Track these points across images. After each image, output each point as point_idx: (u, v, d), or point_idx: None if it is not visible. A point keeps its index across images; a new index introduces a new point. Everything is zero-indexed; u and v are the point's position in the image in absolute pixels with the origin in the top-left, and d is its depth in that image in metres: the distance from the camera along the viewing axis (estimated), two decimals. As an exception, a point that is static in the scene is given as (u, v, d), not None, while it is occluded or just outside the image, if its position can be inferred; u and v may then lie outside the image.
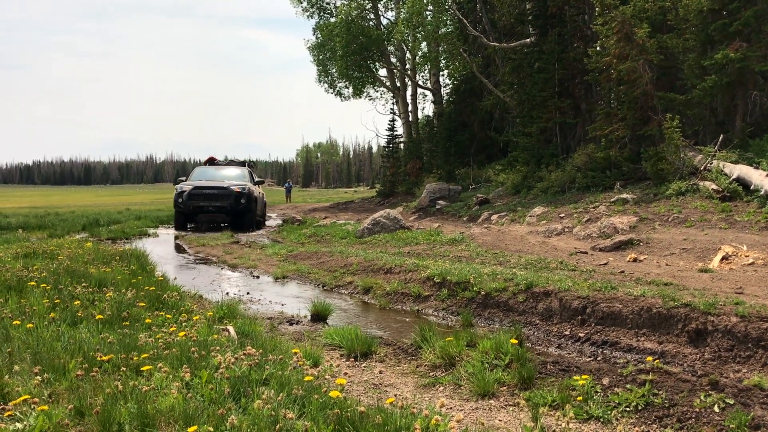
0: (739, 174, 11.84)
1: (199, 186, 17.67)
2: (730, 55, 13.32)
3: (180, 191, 17.61)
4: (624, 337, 5.11)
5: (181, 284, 7.27)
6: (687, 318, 4.81)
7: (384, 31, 27.91)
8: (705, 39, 14.65)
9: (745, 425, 2.80)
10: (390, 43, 28.02)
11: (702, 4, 14.11)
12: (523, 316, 5.91)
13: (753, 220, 10.10)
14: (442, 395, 3.72)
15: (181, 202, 17.50)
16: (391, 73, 30.41)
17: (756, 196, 11.01)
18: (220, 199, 17.53)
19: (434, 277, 7.02)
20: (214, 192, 17.51)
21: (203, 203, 17.53)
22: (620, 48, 14.08)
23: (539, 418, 3.18)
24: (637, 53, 14.04)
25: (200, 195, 17.48)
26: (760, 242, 9.00)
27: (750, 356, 4.36)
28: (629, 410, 3.19)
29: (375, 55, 28.60)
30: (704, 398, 3.09)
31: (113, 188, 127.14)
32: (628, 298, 5.32)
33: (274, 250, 11.58)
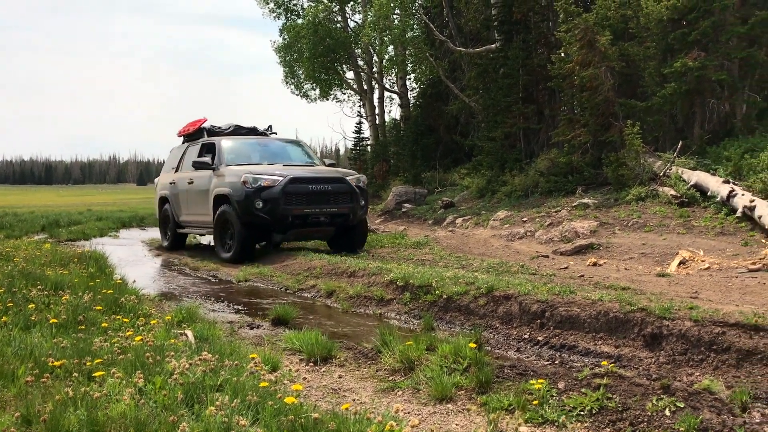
0: (697, 180, 12.10)
1: (300, 177, 10.09)
2: (688, 63, 13.61)
3: (254, 186, 9.85)
4: (582, 340, 5.17)
5: (141, 287, 7.17)
6: (643, 322, 4.90)
7: (351, 33, 27.87)
8: (665, 47, 14.94)
9: (694, 428, 2.86)
10: (357, 46, 27.98)
11: (662, 14, 14.39)
12: (484, 320, 5.95)
13: (709, 225, 10.32)
14: (400, 400, 3.73)
15: (262, 208, 9.77)
16: (358, 76, 30.38)
17: (713, 202, 11.26)
18: (338, 201, 10.25)
19: (397, 281, 7.03)
20: (326, 188, 10.18)
21: (310, 208, 10.04)
22: (583, 55, 14.28)
23: (495, 423, 3.21)
24: (600, 60, 14.26)
25: (305, 193, 10.00)
26: (716, 247, 9.21)
27: (703, 360, 4.46)
28: (584, 414, 3.23)
29: (342, 57, 28.52)
30: (656, 402, 3.15)
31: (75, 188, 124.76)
32: (586, 302, 5.39)
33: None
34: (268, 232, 10.31)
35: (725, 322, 4.54)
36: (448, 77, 23.76)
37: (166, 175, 13.43)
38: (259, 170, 10.32)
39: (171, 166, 13.25)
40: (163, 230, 13.54)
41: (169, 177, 13.03)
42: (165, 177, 13.40)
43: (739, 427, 2.79)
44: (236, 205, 10.02)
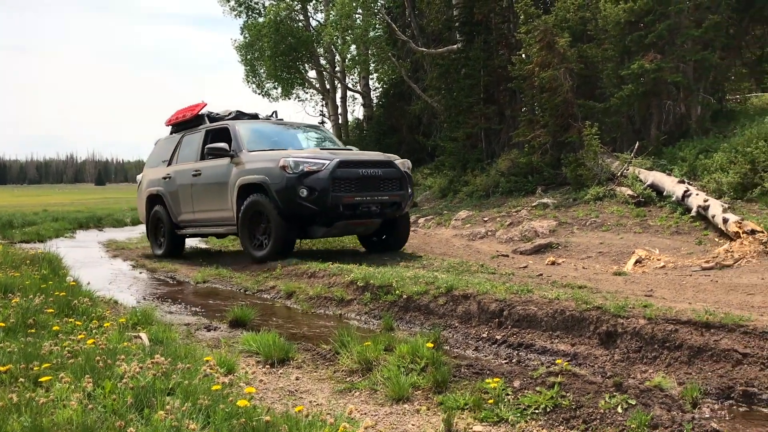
0: (653, 180, 12.33)
1: (348, 160, 8.80)
2: (645, 65, 13.87)
3: (295, 171, 8.45)
4: (539, 339, 5.22)
5: (96, 289, 7.02)
6: (598, 320, 4.96)
7: (313, 32, 27.73)
8: (623, 49, 15.19)
9: (644, 425, 2.90)
10: (319, 45, 27.85)
11: (620, 16, 14.63)
12: (443, 319, 5.97)
13: (665, 224, 10.52)
14: (357, 400, 3.71)
15: (307, 197, 8.41)
16: (320, 75, 30.25)
17: (668, 201, 11.49)
18: (389, 188, 9.01)
19: (357, 281, 7.01)
20: (377, 173, 8.90)
21: (361, 195, 8.70)
22: (542, 56, 14.45)
23: (451, 422, 3.22)
24: (559, 62, 14.45)
25: (355, 179, 8.66)
26: (671, 246, 9.39)
27: (656, 357, 4.53)
28: (538, 412, 3.26)
29: (304, 56, 28.36)
30: (609, 399, 3.19)
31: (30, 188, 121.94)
32: (544, 301, 5.44)
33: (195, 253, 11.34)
34: (311, 225, 8.92)
35: (678, 319, 4.62)
36: (411, 77, 23.82)
37: (155, 170, 11.69)
38: (298, 154, 8.90)
39: (161, 159, 11.59)
40: (154, 236, 11.79)
41: (161, 171, 11.39)
42: (154, 172, 11.69)
43: (688, 423, 2.84)
44: (275, 194, 8.54)
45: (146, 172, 12.14)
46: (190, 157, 10.77)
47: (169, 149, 11.50)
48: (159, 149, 12.05)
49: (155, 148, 12.23)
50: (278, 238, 8.75)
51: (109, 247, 13.99)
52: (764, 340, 4.22)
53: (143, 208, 11.96)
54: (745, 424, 3.58)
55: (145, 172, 12.20)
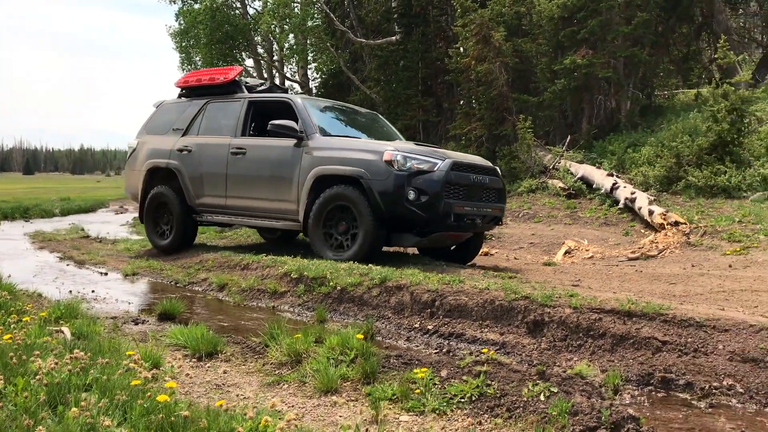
0: (584, 173, 12.67)
1: (461, 163, 7.61)
2: (577, 61, 14.21)
3: (403, 169, 7.19)
4: (469, 328, 5.28)
5: (19, 282, 6.75)
6: (526, 310, 5.06)
7: (251, 20, 27.33)
8: (556, 44, 15.52)
9: (565, 412, 2.97)
10: (257, 34, 27.47)
11: (553, 12, 14.93)
12: (377, 310, 5.98)
13: (594, 216, 10.82)
14: (285, 393, 3.69)
15: (415, 201, 7.14)
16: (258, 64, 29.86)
17: (597, 194, 11.83)
18: (492, 198, 7.96)
19: (291, 273, 6.95)
20: (484, 180, 7.79)
21: (469, 205, 7.54)
22: (478, 50, 14.63)
23: (378, 413, 3.23)
24: (494, 56, 14.65)
25: (465, 185, 7.50)
26: (600, 237, 9.67)
27: (581, 345, 4.65)
28: (464, 401, 3.30)
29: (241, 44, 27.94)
30: (532, 387, 3.25)
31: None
32: (474, 291, 5.51)
33: (127, 245, 11.04)
34: (403, 232, 7.56)
35: (602, 308, 4.75)
36: (350, 68, 23.75)
37: (161, 139, 9.69)
38: (404, 147, 7.66)
39: (171, 126, 9.66)
40: (154, 223, 9.71)
41: (172, 141, 9.47)
42: (160, 141, 9.68)
43: (606, 410, 2.92)
44: (376, 193, 7.19)
45: (146, 140, 9.94)
46: (222, 130, 9.02)
47: (185, 116, 9.57)
48: (166, 114, 9.99)
49: (159, 112, 10.17)
50: (367, 241, 7.32)
51: (36, 238, 13.47)
52: (682, 328, 4.39)
53: (139, 184, 9.73)
54: (662, 409, 3.72)
55: (145, 139, 9.98)
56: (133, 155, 10.13)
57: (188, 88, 9.91)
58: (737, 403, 3.81)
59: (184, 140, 9.36)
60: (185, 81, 9.94)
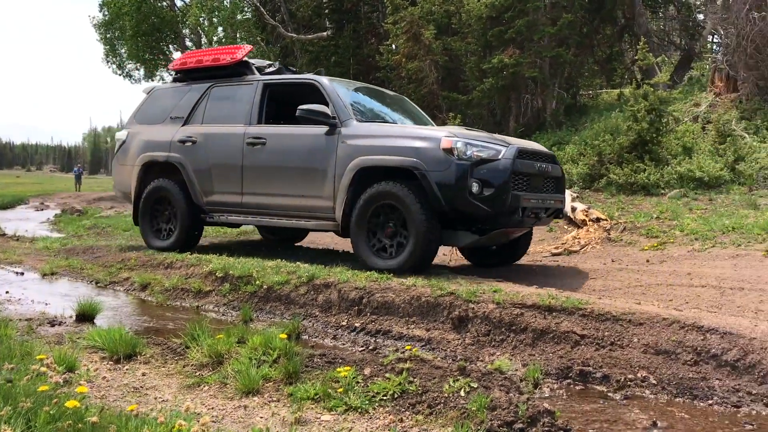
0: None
1: (526, 149, 6.78)
2: (504, 60, 14.47)
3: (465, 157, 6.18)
4: (396, 325, 5.31)
5: None
6: (451, 306, 5.11)
7: (179, 12, 26.71)
8: (484, 44, 15.76)
9: (484, 407, 3.01)
10: (185, 26, 26.86)
11: (482, 11, 15.16)
12: (304, 309, 5.94)
13: (521, 212, 11.03)
14: (206, 395, 3.61)
15: (479, 194, 6.15)
16: (187, 58, 29.22)
17: (524, 190, 12.06)
18: (555, 189, 7.20)
19: (216, 272, 6.83)
20: (547, 169, 6.94)
21: (535, 197, 6.66)
22: (409, 47, 14.72)
23: (300, 413, 3.19)
24: (425, 53, 14.77)
25: (530, 174, 6.64)
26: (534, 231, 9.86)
27: (503, 340, 4.73)
28: (386, 399, 3.30)
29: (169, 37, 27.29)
30: (453, 383, 3.28)
31: None
32: (401, 287, 5.54)
33: (45, 243, 10.61)
34: (458, 229, 6.63)
35: (523, 303, 4.85)
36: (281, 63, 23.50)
37: (157, 129, 8.52)
38: (462, 132, 6.63)
39: (168, 115, 8.54)
40: (150, 221, 8.53)
41: (171, 132, 8.33)
42: (156, 132, 8.52)
43: (523, 404, 2.98)
44: (434, 186, 6.19)
45: (138, 131, 8.77)
46: (232, 118, 7.91)
47: (185, 102, 8.45)
48: (160, 101, 8.84)
49: (151, 99, 8.98)
50: (421, 246, 6.25)
51: (-55, 237, 12.80)
52: (600, 322, 4.52)
53: (133, 180, 8.54)
54: (579, 402, 3.82)
55: (136, 129, 8.83)
56: (122, 149, 8.90)
57: (186, 71, 8.76)
58: (650, 394, 3.95)
59: (187, 130, 8.21)
60: (183, 63, 8.79)
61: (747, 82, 12.88)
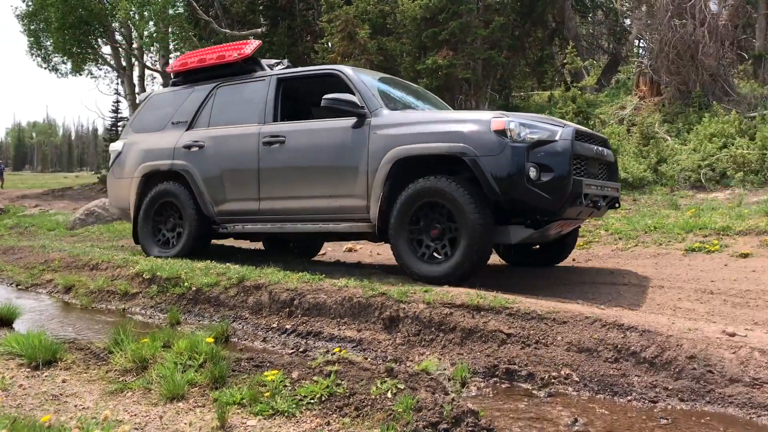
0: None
1: (583, 131, 6.19)
2: (438, 61, 14.63)
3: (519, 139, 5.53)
4: (327, 326, 5.30)
5: None
6: (383, 306, 5.13)
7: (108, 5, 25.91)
8: (419, 44, 15.90)
9: (410, 408, 3.04)
10: (114, 20, 26.09)
11: (416, 12, 15.28)
12: (234, 311, 5.86)
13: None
14: (129, 401, 3.52)
15: (537, 179, 5.48)
16: (116, 51, 28.40)
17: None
18: (611, 175, 6.75)
19: (144, 273, 6.67)
20: (603, 153, 6.40)
21: (595, 184, 6.06)
22: (344, 46, 14.71)
23: (225, 418, 3.15)
24: (360, 53, 14.79)
25: (588, 158, 6.05)
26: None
27: (433, 339, 4.78)
28: (313, 402, 3.29)
29: (97, 30, 26.45)
30: (380, 385, 3.30)
31: None
32: (333, 288, 5.53)
33: (-38, 244, 10.14)
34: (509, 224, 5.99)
35: (453, 303, 4.91)
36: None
37: (159, 136, 7.86)
38: (511, 113, 5.95)
39: (169, 120, 7.90)
40: (153, 233, 7.75)
41: (175, 137, 7.67)
42: (157, 139, 7.85)
43: (448, 404, 3.02)
44: (487, 174, 5.54)
45: (136, 140, 8.11)
46: (242, 118, 7.28)
47: (188, 106, 7.82)
48: (159, 107, 8.20)
49: (149, 106, 8.38)
50: (477, 245, 5.59)
51: None
52: (526, 320, 4.61)
53: (131, 195, 7.86)
54: (505, 400, 3.90)
55: (133, 139, 8.17)
56: (117, 161, 8.18)
57: (186, 73, 8.09)
58: (573, 391, 4.06)
59: (192, 134, 7.55)
60: (183, 64, 8.07)
61: (669, 86, 13.40)
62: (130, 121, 8.51)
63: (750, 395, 3.71)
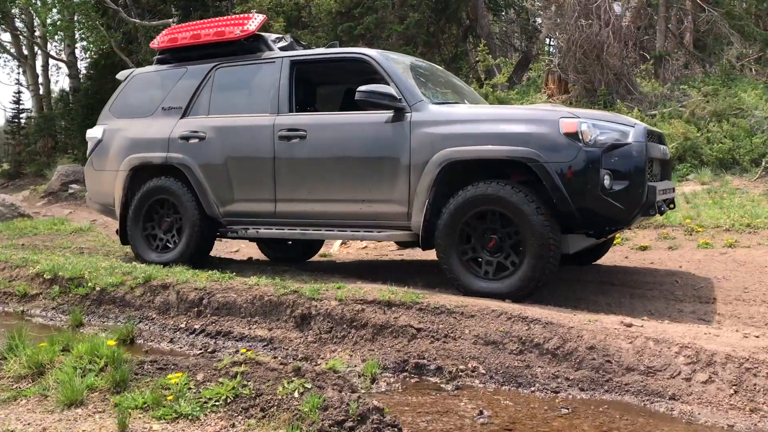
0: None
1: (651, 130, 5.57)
2: (354, 56, 14.62)
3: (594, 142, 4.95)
4: (238, 326, 5.23)
5: None
6: (294, 304, 5.10)
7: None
8: (335, 38, 15.79)
9: (316, 407, 3.04)
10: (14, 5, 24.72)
11: (331, 6, 15.21)
12: (140, 311, 5.70)
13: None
14: (23, 409, 3.36)
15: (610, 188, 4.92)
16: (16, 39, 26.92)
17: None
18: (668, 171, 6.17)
19: (45, 273, 6.38)
20: (665, 152, 5.93)
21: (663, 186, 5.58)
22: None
23: (126, 423, 3.06)
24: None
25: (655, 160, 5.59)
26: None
27: (345, 336, 4.80)
28: (219, 404, 3.24)
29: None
30: (287, 385, 3.28)
31: None
32: (244, 287, 5.46)
33: None
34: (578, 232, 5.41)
35: (364, 299, 4.93)
36: (124, 49, 22.25)
37: (149, 123, 6.91)
38: (581, 112, 5.43)
39: (161, 106, 6.92)
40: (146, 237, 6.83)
41: (169, 126, 6.74)
42: (148, 127, 6.89)
43: (354, 402, 3.04)
44: (558, 182, 4.94)
45: (119, 126, 7.10)
46: (249, 106, 6.46)
47: (180, 89, 6.85)
48: (144, 88, 7.22)
49: (131, 87, 7.33)
50: (544, 259, 4.98)
51: None
52: (435, 315, 4.68)
53: (117, 190, 6.92)
54: (413, 395, 3.96)
55: (116, 125, 7.15)
56: (98, 150, 7.19)
57: (175, 50, 7.09)
58: (480, 383, 4.16)
59: (189, 123, 6.64)
60: (172, 39, 7.02)
61: (576, 85, 13.86)
62: (110, 104, 7.44)
63: (645, 383, 3.90)
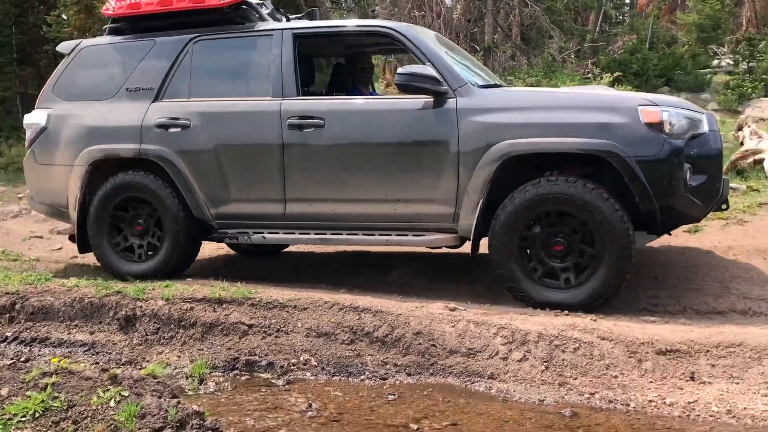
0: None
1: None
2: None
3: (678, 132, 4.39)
4: (56, 331, 4.90)
5: None
6: (118, 305, 4.86)
7: None
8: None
9: (133, 416, 2.92)
10: None
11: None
12: (-59, 320, 5.16)
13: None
14: None
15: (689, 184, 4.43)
16: None
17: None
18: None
19: None
20: None
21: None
22: (81, 20, 13.60)
23: None
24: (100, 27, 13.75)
25: None
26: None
27: (173, 337, 4.64)
28: (26, 420, 3.02)
29: None
30: (103, 394, 3.13)
31: None
32: (62, 289, 5.12)
33: None
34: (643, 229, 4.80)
35: (194, 298, 4.79)
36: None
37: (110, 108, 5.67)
38: (661, 99, 4.79)
39: (125, 86, 5.66)
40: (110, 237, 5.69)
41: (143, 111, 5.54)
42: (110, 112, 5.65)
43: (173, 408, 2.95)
44: (642, 179, 4.34)
45: (69, 111, 5.82)
46: (244, 88, 5.48)
47: (148, 66, 5.63)
48: (98, 65, 5.89)
49: (79, 63, 5.94)
50: (621, 264, 4.43)
51: None
52: (267, 310, 4.64)
53: (75, 184, 5.66)
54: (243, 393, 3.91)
55: (66, 110, 5.84)
56: (41, 139, 5.89)
57: (136, 19, 5.75)
58: (311, 376, 4.18)
59: (166, 108, 5.50)
60: (134, 5, 5.62)
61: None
62: (52, 83, 6.05)
63: (466, 364, 4.11)
